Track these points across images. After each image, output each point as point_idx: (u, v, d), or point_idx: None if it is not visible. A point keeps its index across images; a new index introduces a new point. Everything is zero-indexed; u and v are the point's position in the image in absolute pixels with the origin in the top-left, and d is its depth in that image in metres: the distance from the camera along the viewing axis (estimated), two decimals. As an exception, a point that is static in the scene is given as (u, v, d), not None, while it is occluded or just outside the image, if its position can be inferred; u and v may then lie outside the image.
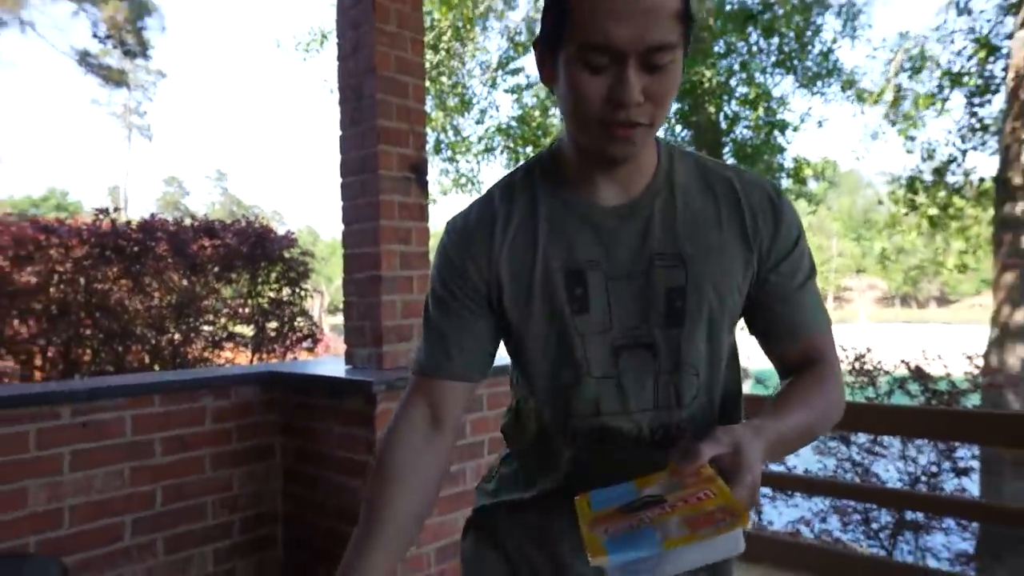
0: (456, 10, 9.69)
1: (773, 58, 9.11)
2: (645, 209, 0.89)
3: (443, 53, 9.87)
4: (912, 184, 8.36)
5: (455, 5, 9.67)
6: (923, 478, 5.09)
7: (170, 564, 2.39)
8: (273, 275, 5.22)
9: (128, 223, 4.69)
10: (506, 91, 10.42)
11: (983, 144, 7.98)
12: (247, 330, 5.33)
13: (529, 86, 10.26)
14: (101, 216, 4.42)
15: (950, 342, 6.23)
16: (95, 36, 16.03)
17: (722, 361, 0.95)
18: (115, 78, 16.67)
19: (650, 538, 0.63)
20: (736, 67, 9.00)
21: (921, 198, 8.30)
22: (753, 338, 1.02)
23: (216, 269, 4.84)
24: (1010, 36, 7.03)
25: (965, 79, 8.02)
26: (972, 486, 5.24)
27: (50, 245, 4.12)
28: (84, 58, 16.35)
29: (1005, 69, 7.02)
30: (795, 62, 9.07)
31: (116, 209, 4.66)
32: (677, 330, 0.89)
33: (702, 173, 0.95)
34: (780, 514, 5.94)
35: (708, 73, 8.58)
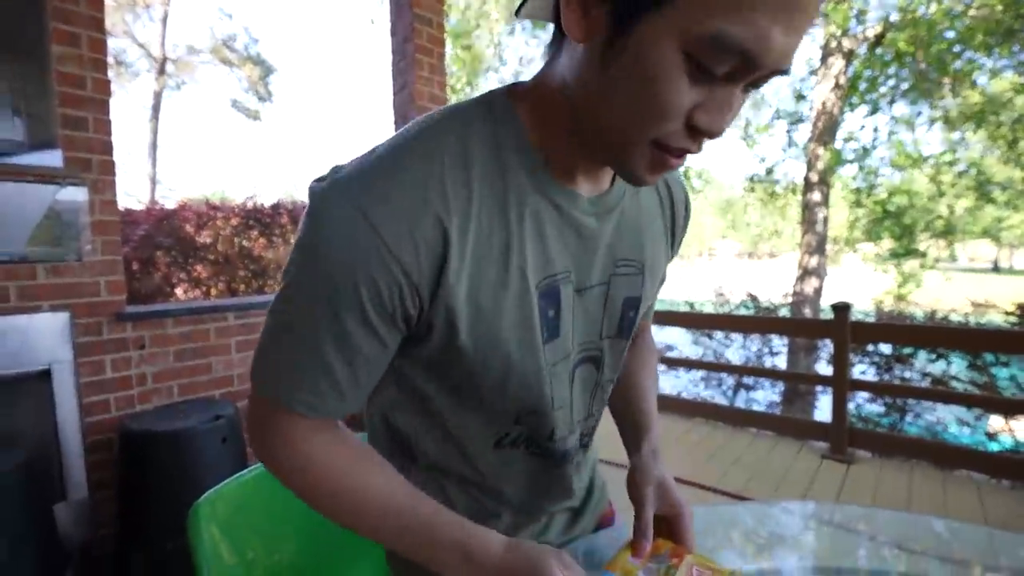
0: (467, 67, 9.58)
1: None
2: (616, 204, 0.50)
3: (456, 95, 9.81)
4: (752, 178, 8.54)
5: (466, 63, 9.57)
6: (753, 358, 5.28)
7: None
8: None
9: (263, 204, 4.74)
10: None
11: (796, 157, 8.20)
12: None
13: None
14: (247, 199, 4.51)
15: (774, 280, 6.55)
16: (242, 89, 15.89)
17: None
18: (253, 115, 16.29)
19: None
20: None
21: (758, 190, 8.53)
22: None
23: None
24: (812, 88, 7.16)
25: (786, 115, 8.17)
26: (781, 362, 5.42)
27: (217, 217, 4.21)
28: (234, 103, 16.00)
29: (810, 109, 7.18)
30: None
31: (254, 197, 4.77)
32: (624, 341, 0.56)
33: None
34: (671, 383, 6.08)
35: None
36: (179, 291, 4.08)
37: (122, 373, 1.96)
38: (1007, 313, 4.16)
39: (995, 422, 4.07)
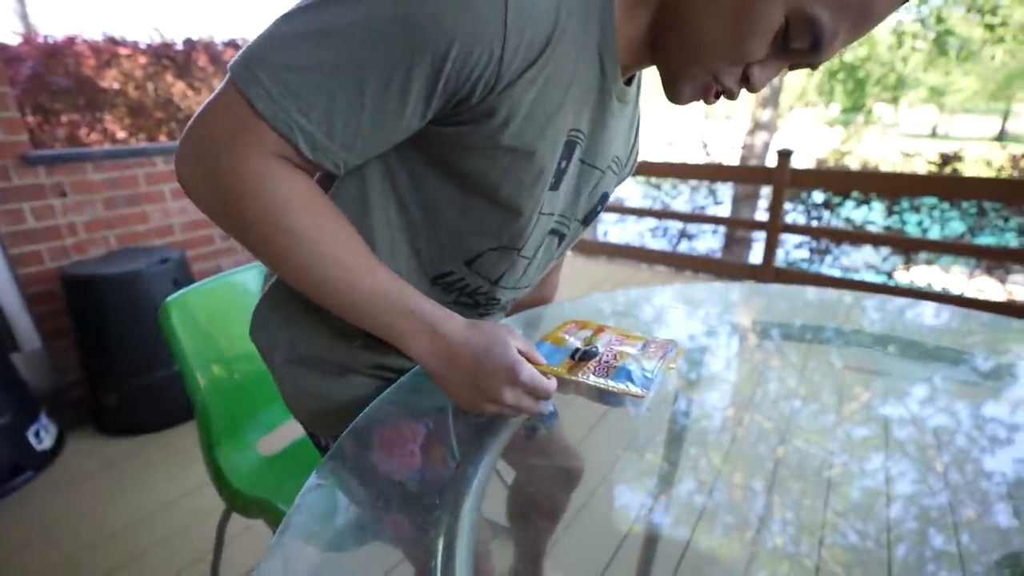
0: None
1: None
2: (630, 100, 0.54)
3: None
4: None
5: None
6: (698, 208, 5.52)
7: (249, 259, 2.31)
8: None
9: (173, 41, 4.11)
10: None
11: None
12: None
13: None
14: (155, 32, 3.90)
15: (726, 136, 6.56)
16: None
17: None
18: None
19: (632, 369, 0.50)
20: None
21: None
22: None
23: None
24: None
25: None
26: (724, 211, 5.64)
27: (120, 55, 3.59)
28: None
29: None
30: None
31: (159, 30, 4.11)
32: (583, 228, 0.62)
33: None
34: (619, 234, 6.23)
35: None
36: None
37: (47, 222, 1.84)
38: (930, 162, 4.46)
39: (900, 272, 4.60)
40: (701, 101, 0.46)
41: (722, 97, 0.46)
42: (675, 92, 0.46)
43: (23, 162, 1.75)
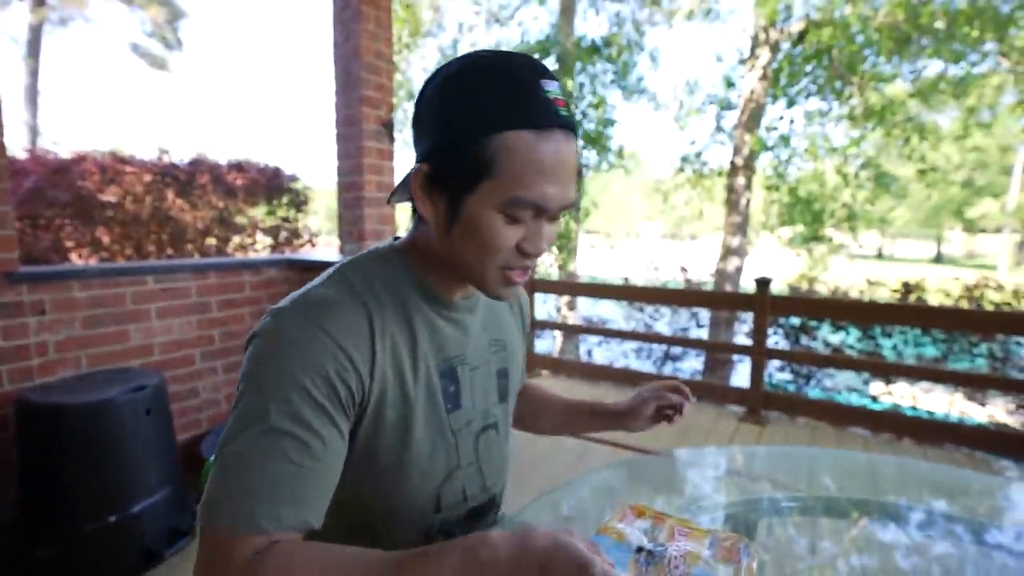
0: (409, 24, 9.14)
1: (609, 78, 9.29)
2: (478, 301, 0.67)
3: (399, 56, 9.36)
4: (683, 159, 8.88)
5: (405, 20, 9.12)
6: (680, 331, 5.53)
7: (227, 380, 2.38)
8: (285, 200, 4.84)
9: (182, 161, 4.30)
10: (438, 88, 9.99)
11: (722, 142, 8.66)
12: (267, 239, 4.95)
13: None
14: (162, 154, 4.05)
15: (696, 260, 6.97)
16: (144, 33, 13.89)
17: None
18: (158, 64, 14.47)
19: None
20: (586, 81, 9.13)
21: (687, 170, 8.95)
22: None
23: (243, 195, 4.51)
24: (742, 76, 7.58)
25: (716, 100, 8.56)
26: (704, 333, 5.67)
27: (125, 172, 3.74)
28: (136, 47, 14.10)
29: (738, 97, 7.61)
30: (622, 82, 9.30)
31: (167, 152, 4.31)
32: (506, 405, 0.70)
33: None
34: (604, 355, 6.25)
35: (570, 83, 8.69)
36: (75, 257, 3.63)
37: (16, 342, 1.74)
38: (893, 291, 4.74)
39: (877, 387, 4.66)
40: (509, 285, 0.57)
41: (529, 267, 0.56)
42: (490, 292, 0.58)
43: (7, 280, 1.69)
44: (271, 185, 4.71)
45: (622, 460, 0.92)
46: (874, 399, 4.61)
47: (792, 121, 7.93)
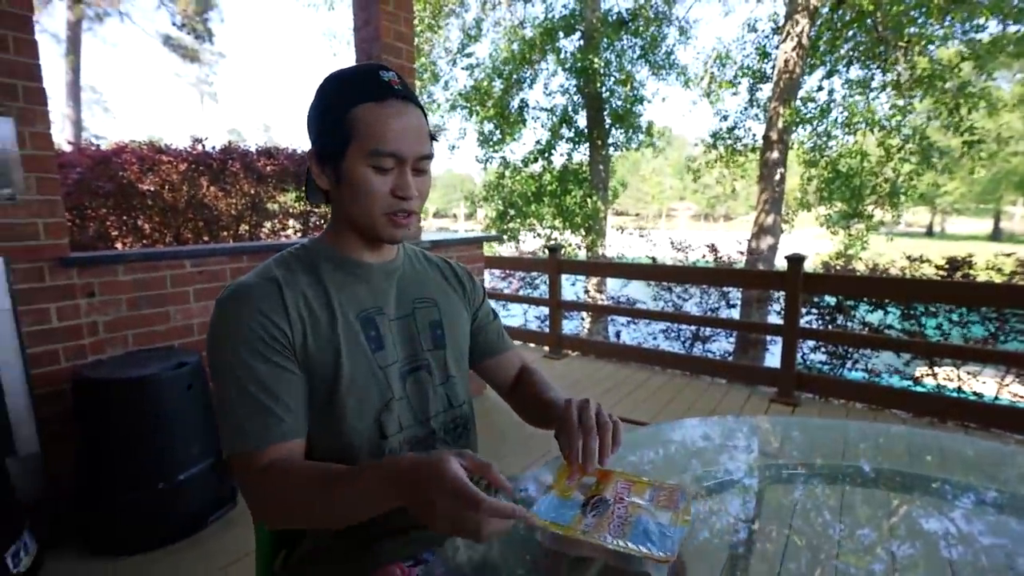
0: (431, 5, 9.09)
1: (637, 53, 9.04)
2: (396, 268, 0.79)
3: (421, 38, 9.33)
4: (714, 135, 8.60)
5: (427, 1, 9.07)
6: (710, 311, 5.42)
7: None
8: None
9: (213, 149, 4.41)
10: (462, 68, 9.87)
11: (755, 116, 8.32)
12: (297, 224, 5.03)
13: (479, 65, 9.65)
14: (196, 142, 4.18)
15: (730, 242, 6.79)
16: (174, 24, 14.28)
17: (467, 371, 0.87)
18: (190, 56, 14.89)
19: (648, 523, 0.51)
20: (612, 58, 8.90)
21: (719, 146, 8.66)
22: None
23: (274, 181, 4.58)
24: (776, 46, 7.25)
25: (749, 72, 8.19)
26: (735, 313, 5.56)
27: (162, 162, 3.88)
28: (167, 40, 14.54)
29: (772, 68, 7.29)
30: (650, 57, 9.04)
31: (201, 140, 4.44)
32: (442, 352, 0.80)
33: (419, 254, 0.88)
34: (632, 336, 6.27)
35: (596, 61, 8.48)
36: (120, 246, 3.81)
37: (70, 322, 1.86)
38: (937, 267, 4.52)
39: (921, 370, 4.48)
40: (398, 227, 0.70)
41: (409, 207, 0.69)
42: (383, 236, 0.70)
43: (60, 264, 1.81)
44: (300, 171, 4.80)
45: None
46: (916, 381, 4.44)
47: (831, 91, 7.58)
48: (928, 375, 4.42)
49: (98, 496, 1.69)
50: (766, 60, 7.80)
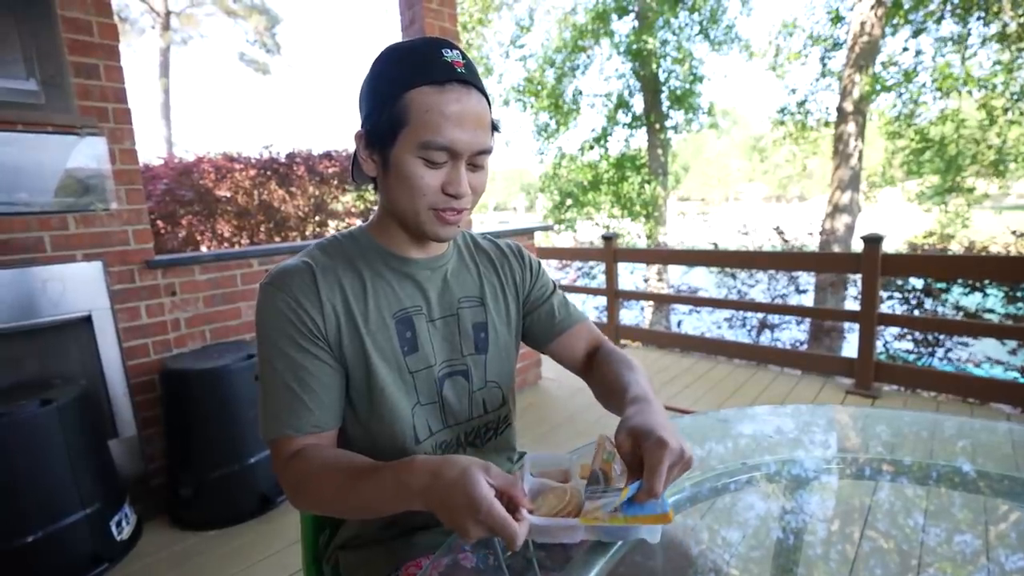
0: (480, 1, 9.16)
1: (695, 30, 8.61)
2: (443, 263, 0.74)
3: (472, 33, 9.43)
4: (782, 110, 8.04)
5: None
6: (778, 298, 5.14)
7: None
8: (371, 185, 5.00)
9: (279, 154, 4.66)
10: (516, 60, 9.89)
11: (828, 87, 7.66)
12: (361, 223, 5.28)
13: (531, 56, 9.61)
14: (263, 149, 4.47)
15: (804, 223, 6.34)
16: (247, 41, 15.67)
17: (514, 371, 0.80)
18: (262, 69, 16.10)
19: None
20: (669, 36, 8.55)
21: (788, 123, 8.09)
22: (544, 354, 0.85)
23: (336, 182, 4.73)
24: (851, 8, 6.62)
25: (820, 39, 7.56)
26: (808, 300, 5.26)
27: (234, 169, 4.18)
28: (242, 56, 15.87)
29: (847, 33, 6.69)
30: (709, 32, 8.59)
31: (269, 147, 4.69)
32: (483, 356, 0.75)
33: (471, 240, 0.82)
34: (694, 325, 6.03)
35: (651, 41, 8.18)
36: (204, 248, 4.16)
37: (157, 319, 2.06)
38: (1052, 244, 3.98)
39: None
40: (445, 224, 0.64)
41: (458, 205, 0.63)
42: (428, 233, 0.65)
43: (146, 266, 2.01)
44: (360, 172, 4.99)
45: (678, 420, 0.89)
46: (1022, 372, 3.95)
47: (919, 52, 6.84)
48: (1039, 364, 3.92)
49: (184, 474, 1.87)
50: (839, 24, 7.17)
